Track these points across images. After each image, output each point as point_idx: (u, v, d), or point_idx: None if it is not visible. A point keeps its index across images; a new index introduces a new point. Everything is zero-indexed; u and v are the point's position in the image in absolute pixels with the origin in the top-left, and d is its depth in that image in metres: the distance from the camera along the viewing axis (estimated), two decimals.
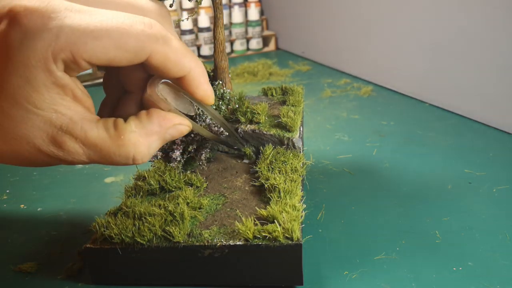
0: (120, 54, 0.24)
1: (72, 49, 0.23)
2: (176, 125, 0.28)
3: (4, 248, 0.41)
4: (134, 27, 0.24)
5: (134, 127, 0.27)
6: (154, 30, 0.25)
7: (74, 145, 0.25)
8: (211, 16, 1.11)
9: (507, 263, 0.36)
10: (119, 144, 0.26)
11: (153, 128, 0.27)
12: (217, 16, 0.42)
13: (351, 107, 0.74)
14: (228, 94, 0.44)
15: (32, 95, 0.23)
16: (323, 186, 0.49)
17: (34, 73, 0.22)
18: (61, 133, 0.24)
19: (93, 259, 0.34)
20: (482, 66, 0.63)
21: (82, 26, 0.23)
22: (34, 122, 0.23)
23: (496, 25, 0.60)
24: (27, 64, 0.22)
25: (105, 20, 0.23)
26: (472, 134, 0.61)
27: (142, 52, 0.25)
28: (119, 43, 0.24)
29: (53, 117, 0.24)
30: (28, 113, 0.23)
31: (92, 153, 0.25)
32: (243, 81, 0.91)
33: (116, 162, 0.27)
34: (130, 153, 0.26)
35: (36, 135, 0.24)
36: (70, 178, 0.54)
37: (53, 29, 0.22)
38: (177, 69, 0.27)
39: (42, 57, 0.22)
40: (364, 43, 0.87)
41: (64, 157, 0.25)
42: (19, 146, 0.24)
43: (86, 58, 0.23)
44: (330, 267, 0.37)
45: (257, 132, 0.42)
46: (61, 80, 0.23)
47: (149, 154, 0.28)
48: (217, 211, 0.36)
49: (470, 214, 0.43)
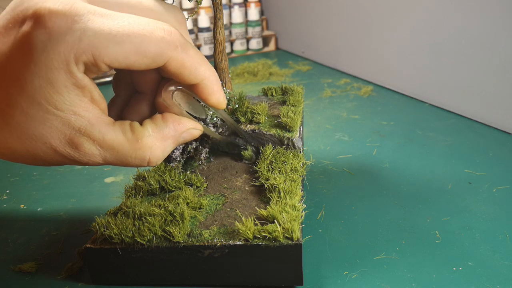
0: (139, 59, 0.25)
1: (94, 52, 0.23)
2: (190, 129, 0.29)
3: (4, 248, 0.41)
4: (154, 34, 0.25)
5: (151, 131, 0.28)
6: (173, 37, 0.26)
7: (91, 147, 0.25)
8: (211, 16, 1.11)
9: (507, 263, 0.36)
10: (136, 148, 0.27)
11: (169, 132, 0.28)
12: (217, 16, 0.42)
13: (351, 107, 0.74)
14: (228, 94, 0.44)
15: (53, 96, 0.23)
16: (323, 186, 0.49)
17: (56, 74, 0.23)
18: (79, 135, 0.25)
19: (93, 259, 0.34)
20: (482, 66, 0.63)
21: (104, 30, 0.23)
22: (53, 123, 0.24)
23: (496, 25, 0.60)
24: (50, 66, 0.23)
25: (127, 25, 0.24)
26: (472, 134, 0.61)
27: (160, 58, 0.25)
28: (140, 48, 0.24)
29: (72, 119, 0.24)
30: (47, 114, 0.24)
31: (108, 155, 0.26)
32: (243, 81, 0.91)
33: (131, 164, 0.28)
34: (146, 156, 0.27)
35: (53, 136, 0.24)
36: (70, 178, 0.54)
37: (77, 32, 0.23)
38: (192, 76, 0.28)
39: (65, 59, 0.23)
40: (364, 43, 0.87)
41: (79, 158, 0.26)
42: (34, 145, 0.25)
43: (107, 62, 0.24)
44: (330, 267, 0.37)
45: (257, 132, 0.42)
46: (81, 81, 0.24)
47: (163, 157, 0.29)
48: (217, 211, 0.36)
49: (470, 214, 0.43)
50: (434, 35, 0.70)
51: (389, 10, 0.79)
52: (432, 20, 0.70)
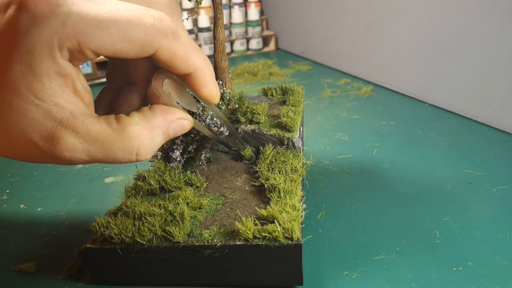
0: (127, 47, 0.24)
1: (78, 38, 0.22)
2: (179, 119, 0.28)
3: (4, 248, 0.41)
4: (143, 20, 0.24)
5: (138, 120, 0.26)
6: (163, 24, 0.25)
7: (73, 141, 0.24)
8: (211, 16, 1.11)
9: (507, 263, 0.36)
10: (123, 138, 0.25)
11: (157, 121, 0.27)
12: (217, 16, 0.42)
13: (351, 107, 0.74)
14: (228, 94, 0.44)
15: (34, 84, 0.22)
16: (323, 186, 0.49)
17: (38, 60, 0.22)
18: (61, 128, 0.23)
19: (93, 259, 0.34)
20: (482, 66, 0.63)
21: (90, 15, 0.22)
22: (34, 114, 0.23)
23: (496, 25, 0.60)
24: (32, 51, 0.22)
25: (114, 10, 0.23)
26: (472, 134, 0.61)
27: (149, 46, 0.24)
28: (127, 35, 0.23)
29: (54, 110, 0.23)
30: (28, 104, 0.23)
31: (93, 149, 0.24)
32: (243, 81, 0.91)
33: (119, 158, 0.26)
34: (134, 147, 0.26)
35: (34, 129, 0.23)
36: (70, 178, 0.54)
37: (60, 16, 0.22)
38: (184, 66, 0.27)
39: (47, 44, 0.22)
40: (364, 43, 0.87)
41: (60, 154, 0.24)
42: (16, 139, 0.24)
43: (93, 48, 0.23)
44: (330, 267, 0.37)
45: (257, 132, 0.42)
46: (64, 69, 0.23)
47: (152, 149, 0.27)
48: (217, 211, 0.36)
49: (470, 214, 0.43)
50: (434, 35, 0.70)
51: (389, 10, 0.79)
52: (432, 20, 0.70)
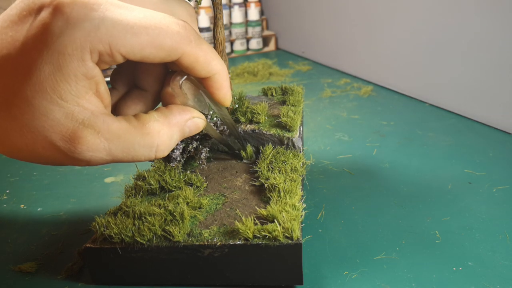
0: (155, 52, 0.25)
1: (111, 42, 0.23)
2: (194, 118, 0.29)
3: (4, 248, 0.41)
4: (170, 28, 0.25)
5: (157, 117, 0.27)
6: (188, 31, 0.26)
7: (94, 140, 0.24)
8: (211, 16, 1.11)
9: (507, 263, 0.36)
10: (144, 133, 0.26)
11: (175, 118, 0.28)
12: (217, 16, 0.42)
13: (351, 107, 0.74)
14: None
15: (60, 84, 0.23)
16: (323, 186, 0.49)
17: (68, 61, 0.23)
18: (82, 127, 0.24)
19: (93, 259, 0.34)
20: (482, 66, 0.63)
21: (123, 21, 0.23)
22: (56, 115, 0.23)
23: (496, 25, 0.60)
24: (63, 52, 0.23)
25: (144, 17, 0.24)
26: (472, 134, 0.61)
27: (175, 52, 0.26)
28: (156, 41, 0.24)
29: (76, 110, 0.24)
30: (51, 104, 0.23)
31: (114, 147, 0.25)
32: (243, 81, 0.91)
33: (138, 155, 0.26)
34: (155, 142, 0.27)
35: (55, 129, 0.24)
36: (70, 178, 0.54)
37: (95, 20, 0.23)
38: (205, 71, 0.28)
39: (80, 46, 0.23)
40: (364, 43, 0.87)
41: (80, 154, 0.24)
42: (35, 139, 0.24)
43: (123, 52, 0.24)
44: (330, 267, 0.37)
45: (257, 132, 0.42)
46: (92, 71, 0.24)
47: (170, 145, 0.28)
48: (217, 210, 0.36)
49: (470, 214, 0.43)
50: (434, 35, 0.70)
51: (389, 10, 0.79)
52: (432, 20, 0.70)
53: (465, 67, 0.66)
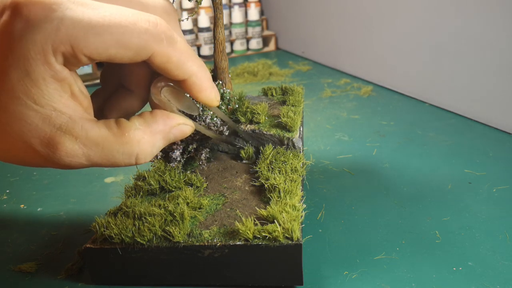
0: (121, 52, 0.23)
1: (72, 43, 0.22)
2: (180, 125, 0.28)
3: (4, 248, 0.41)
4: (138, 25, 0.24)
5: (138, 125, 0.26)
6: (158, 29, 0.24)
7: (73, 146, 0.24)
8: (211, 16, 1.11)
9: (507, 263, 0.36)
10: (123, 142, 0.25)
11: (158, 126, 0.27)
12: (217, 16, 0.42)
13: (351, 107, 0.74)
14: (228, 94, 0.44)
15: (31, 89, 0.22)
16: (323, 186, 0.49)
17: (33, 65, 0.22)
18: (60, 133, 0.23)
19: (93, 259, 0.34)
20: (482, 66, 0.63)
21: (84, 20, 0.22)
22: (33, 120, 0.23)
23: (496, 25, 0.60)
24: (27, 56, 0.22)
25: (108, 15, 0.23)
26: (472, 134, 0.61)
27: (143, 51, 0.24)
28: (121, 40, 0.23)
29: (53, 115, 0.23)
30: (27, 109, 0.22)
31: (92, 154, 0.24)
32: (243, 81, 0.91)
33: (118, 162, 0.26)
34: (134, 151, 0.26)
35: (33, 134, 0.23)
36: (70, 178, 0.54)
37: (54, 21, 0.22)
38: (179, 72, 0.26)
39: (41, 49, 0.22)
40: (364, 43, 0.87)
41: (60, 159, 0.24)
42: (15, 144, 0.23)
43: (87, 53, 0.23)
44: (330, 267, 0.37)
45: (257, 132, 0.42)
46: (60, 73, 0.23)
47: (152, 153, 0.27)
48: (217, 211, 0.36)
49: (470, 214, 0.43)
50: (434, 35, 0.70)
51: (389, 10, 0.79)
52: (432, 20, 0.70)
53: (465, 67, 0.66)
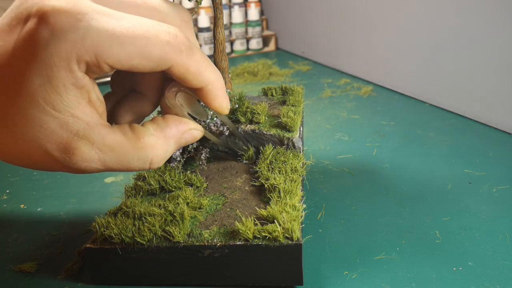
0: (143, 62, 0.24)
1: (96, 52, 0.23)
2: (191, 130, 0.29)
3: (4, 248, 0.41)
4: (159, 37, 0.24)
5: (152, 131, 0.27)
6: (178, 41, 0.25)
7: (89, 151, 0.24)
8: (211, 16, 1.11)
9: (507, 263, 0.36)
10: (138, 147, 0.26)
11: (171, 131, 0.28)
12: (217, 16, 0.42)
13: (351, 107, 0.74)
14: (228, 94, 0.44)
15: (51, 95, 0.23)
16: (323, 186, 0.49)
17: (55, 72, 0.22)
18: (77, 139, 0.24)
19: (93, 259, 0.34)
20: (482, 66, 0.63)
21: (108, 31, 0.23)
22: (50, 126, 0.23)
23: (496, 25, 0.60)
24: (50, 63, 0.22)
25: (131, 26, 0.23)
26: (472, 134, 0.61)
27: (164, 62, 0.25)
28: (143, 51, 0.24)
29: (70, 121, 0.24)
30: (45, 115, 0.23)
31: (108, 159, 0.25)
32: (243, 81, 0.91)
33: (132, 167, 0.26)
34: (149, 156, 0.26)
35: (49, 139, 0.24)
36: (70, 178, 0.54)
37: (80, 31, 0.22)
38: (196, 81, 0.27)
39: (66, 57, 0.22)
40: (364, 43, 0.87)
41: (76, 164, 0.24)
42: (30, 149, 0.24)
43: (110, 63, 0.23)
44: (330, 267, 0.37)
45: (257, 132, 0.42)
46: (81, 81, 0.23)
47: (165, 158, 0.28)
48: (217, 211, 0.36)
49: (470, 214, 0.43)
50: (434, 35, 0.70)
51: (389, 10, 0.79)
52: (432, 20, 0.70)
53: (465, 67, 0.66)
